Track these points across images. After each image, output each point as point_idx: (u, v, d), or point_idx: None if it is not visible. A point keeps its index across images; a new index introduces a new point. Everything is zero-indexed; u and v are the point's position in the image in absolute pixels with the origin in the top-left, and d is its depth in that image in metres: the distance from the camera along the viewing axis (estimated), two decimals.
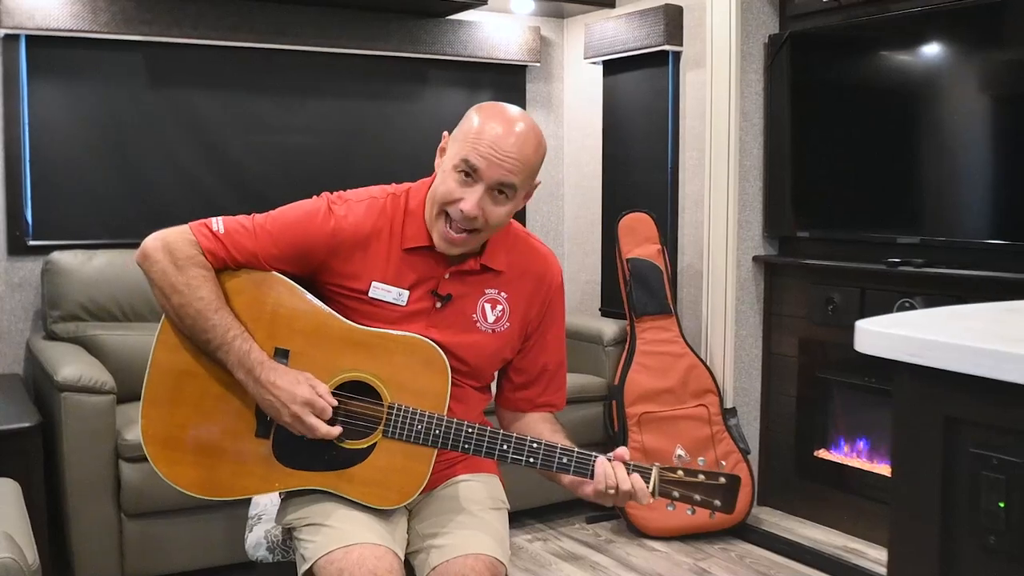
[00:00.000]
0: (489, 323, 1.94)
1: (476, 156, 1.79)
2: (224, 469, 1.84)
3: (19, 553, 1.77)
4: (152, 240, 1.84)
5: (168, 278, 1.81)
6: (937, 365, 1.27)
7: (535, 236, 2.06)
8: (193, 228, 1.84)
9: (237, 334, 1.79)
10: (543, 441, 1.83)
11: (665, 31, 3.91)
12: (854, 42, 3.44)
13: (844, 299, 3.46)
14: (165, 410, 1.84)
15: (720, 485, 1.88)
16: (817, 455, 3.70)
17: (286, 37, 3.85)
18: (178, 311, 1.81)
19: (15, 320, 3.51)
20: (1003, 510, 1.23)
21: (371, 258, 1.88)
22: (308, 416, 1.76)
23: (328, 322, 1.85)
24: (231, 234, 1.84)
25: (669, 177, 4.02)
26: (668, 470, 1.86)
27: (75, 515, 2.85)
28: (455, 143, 1.85)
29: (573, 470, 1.82)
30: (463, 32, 4.23)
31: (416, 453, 1.82)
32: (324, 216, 1.87)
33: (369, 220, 1.88)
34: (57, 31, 3.43)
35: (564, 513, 3.79)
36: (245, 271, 1.85)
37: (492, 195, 1.82)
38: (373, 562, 1.72)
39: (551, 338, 2.03)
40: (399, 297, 1.88)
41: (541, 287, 2.00)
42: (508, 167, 1.80)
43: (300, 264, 1.87)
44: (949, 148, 3.16)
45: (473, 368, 1.94)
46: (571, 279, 4.62)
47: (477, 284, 1.93)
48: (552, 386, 2.05)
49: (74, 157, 3.57)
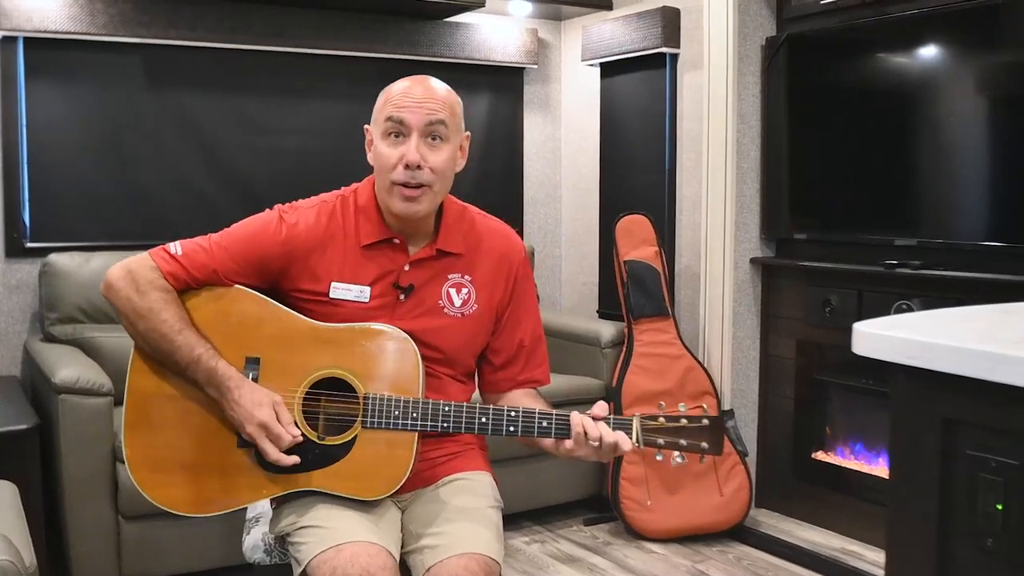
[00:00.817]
0: (456, 307, 1.97)
1: (396, 110, 1.87)
2: (212, 484, 1.86)
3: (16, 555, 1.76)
4: (114, 270, 1.90)
5: (132, 304, 1.86)
6: (935, 367, 1.27)
7: (493, 217, 2.09)
8: (152, 254, 1.90)
9: (202, 352, 1.83)
10: (520, 409, 1.85)
11: (662, 33, 3.91)
12: (851, 44, 3.45)
13: (841, 301, 3.46)
14: (147, 435, 1.87)
15: (705, 427, 1.86)
16: (815, 457, 3.70)
17: (284, 39, 3.86)
18: (144, 336, 1.86)
19: (12, 322, 3.51)
20: (1001, 512, 1.23)
21: (328, 260, 1.92)
22: (262, 439, 1.79)
23: (294, 324, 1.88)
24: (189, 255, 1.89)
25: (666, 179, 4.03)
26: (649, 418, 1.85)
27: (72, 517, 2.85)
28: (375, 124, 1.93)
29: (554, 432, 1.83)
30: (460, 34, 4.23)
31: (397, 440, 1.83)
32: (276, 226, 1.92)
33: (321, 223, 1.93)
34: (55, 33, 3.43)
35: (562, 515, 3.79)
36: (208, 289, 1.90)
37: (427, 142, 1.87)
38: (366, 559, 1.72)
39: (524, 314, 2.05)
40: (361, 294, 1.92)
41: (504, 264, 2.02)
42: (429, 107, 1.87)
43: (260, 276, 1.91)
44: (946, 150, 3.17)
45: (447, 355, 1.96)
46: (568, 281, 4.62)
47: (438, 270, 1.96)
48: (532, 362, 2.06)
49: (72, 159, 3.57)
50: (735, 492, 3.58)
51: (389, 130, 1.87)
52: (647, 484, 3.55)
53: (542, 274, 4.55)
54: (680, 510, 3.55)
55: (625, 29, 4.07)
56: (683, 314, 3.96)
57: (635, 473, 3.56)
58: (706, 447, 1.86)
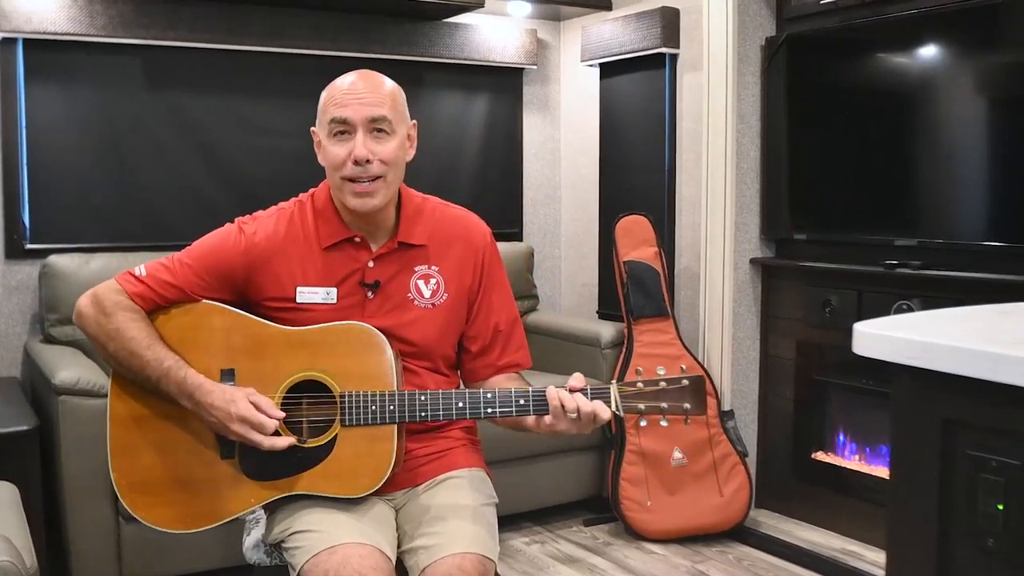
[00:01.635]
0: (426, 299, 1.98)
1: (338, 109, 1.89)
2: (201, 499, 1.87)
3: (17, 556, 1.76)
4: (83, 298, 1.95)
5: (101, 328, 1.89)
6: (935, 367, 1.27)
7: (455, 205, 2.09)
8: (118, 278, 1.93)
9: (171, 364, 1.84)
10: (497, 390, 1.85)
11: (662, 33, 3.91)
12: (851, 44, 3.45)
13: (841, 301, 3.46)
14: (132, 457, 1.88)
15: (685, 388, 1.85)
16: (815, 457, 3.70)
17: (283, 40, 3.86)
18: (116, 357, 1.88)
19: (12, 323, 3.51)
20: (1001, 512, 1.23)
21: (291, 266, 1.94)
22: (249, 433, 1.80)
23: (264, 331, 1.90)
24: (153, 275, 1.92)
25: (666, 179, 4.03)
26: (627, 384, 1.84)
27: (73, 518, 2.85)
28: (320, 125, 1.96)
29: (532, 409, 1.83)
30: (460, 35, 4.23)
31: (377, 434, 1.84)
32: (236, 238, 1.94)
33: (280, 230, 1.95)
34: (54, 34, 3.43)
35: (561, 516, 3.79)
36: (176, 306, 1.92)
37: (373, 136, 1.89)
38: (358, 561, 1.73)
39: (496, 298, 2.05)
40: (328, 296, 1.93)
41: (470, 250, 2.03)
42: (369, 101, 1.89)
43: (225, 288, 1.94)
44: (946, 150, 3.17)
45: (421, 347, 1.97)
46: (568, 281, 4.62)
47: (403, 264, 1.97)
48: (511, 345, 2.06)
49: (71, 160, 3.56)
50: (735, 492, 3.58)
51: (334, 130, 1.90)
52: (647, 485, 3.55)
53: (542, 275, 4.55)
54: (680, 511, 3.55)
55: (624, 29, 4.07)
56: (683, 314, 3.96)
57: (635, 474, 3.56)
58: (688, 407, 1.85)
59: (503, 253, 2.16)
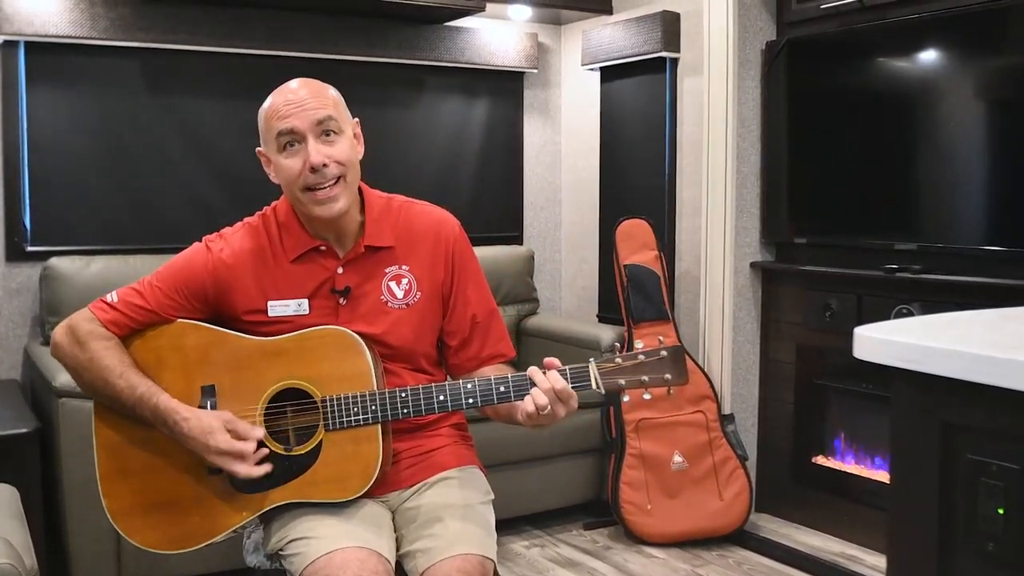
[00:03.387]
0: (400, 299, 1.97)
1: (282, 122, 1.87)
2: (193, 518, 1.88)
3: (17, 558, 1.77)
4: (58, 329, 1.94)
5: (75, 358, 1.89)
6: (935, 372, 1.27)
7: (420, 201, 2.07)
8: (91, 307, 1.93)
9: (143, 391, 1.84)
10: (476, 380, 1.85)
11: (662, 37, 3.91)
12: (852, 49, 3.45)
13: (841, 305, 3.46)
14: (121, 483, 1.89)
15: (664, 359, 1.84)
16: (815, 461, 3.70)
17: (284, 44, 3.86)
18: (92, 386, 1.89)
19: (13, 326, 3.51)
20: (1002, 516, 1.23)
21: (261, 280, 1.94)
22: (228, 464, 1.80)
23: (240, 345, 1.90)
24: (124, 300, 1.91)
25: (666, 183, 4.03)
26: (606, 361, 1.83)
27: (72, 520, 2.85)
28: (267, 144, 1.94)
29: (513, 395, 1.82)
30: (461, 39, 4.24)
31: (362, 435, 1.84)
32: (204, 256, 1.95)
33: (247, 245, 1.95)
34: (56, 37, 3.44)
35: (561, 519, 3.79)
36: (151, 328, 1.92)
37: (322, 140, 1.88)
38: (357, 565, 1.73)
39: (471, 291, 2.04)
40: (300, 307, 1.93)
41: (439, 245, 2.01)
42: (312, 106, 1.87)
43: (197, 307, 1.94)
44: (946, 154, 3.17)
45: (399, 349, 1.96)
46: (568, 285, 4.62)
47: (373, 267, 1.97)
48: (491, 336, 2.05)
49: (72, 163, 3.57)
50: (735, 496, 3.58)
51: (283, 142, 1.88)
52: (647, 488, 3.55)
53: (542, 278, 4.54)
54: (680, 514, 3.55)
55: (625, 33, 4.07)
56: (683, 318, 3.96)
57: (635, 477, 3.56)
58: (670, 378, 1.84)
59: (503, 256, 2.16)
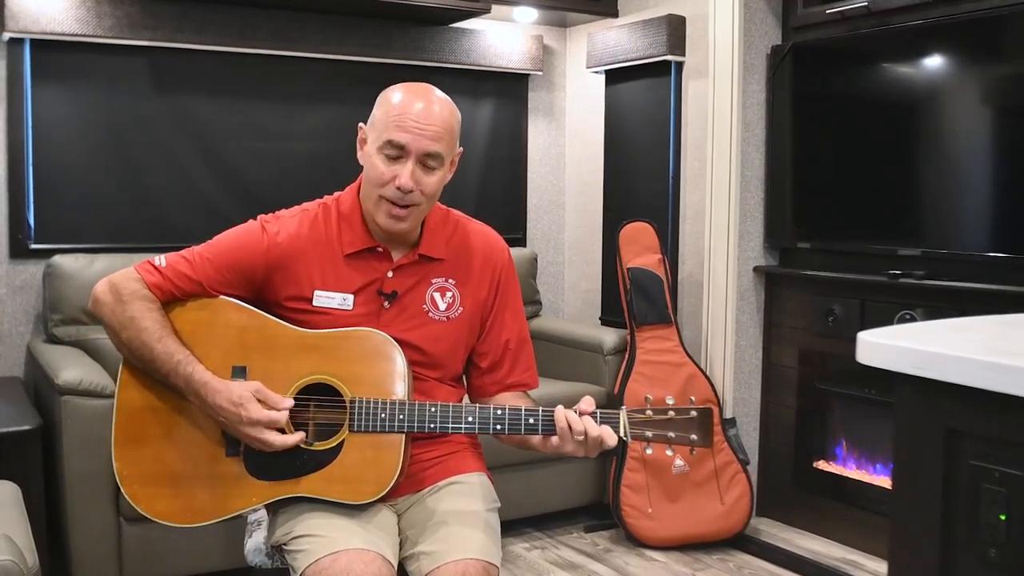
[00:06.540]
0: (442, 311, 1.98)
1: (400, 133, 1.85)
2: (203, 494, 1.87)
3: (19, 555, 1.77)
4: (100, 284, 1.92)
5: (115, 315, 1.88)
6: (938, 377, 1.27)
7: (475, 220, 2.09)
8: (137, 267, 1.92)
9: (181, 359, 1.84)
10: (507, 408, 1.85)
11: (668, 41, 3.92)
12: (856, 54, 3.45)
13: (844, 311, 3.46)
14: (136, 449, 1.88)
15: (692, 419, 1.85)
16: (816, 466, 3.70)
17: (290, 44, 3.86)
18: (128, 345, 1.87)
19: (16, 323, 3.51)
20: (1004, 523, 1.23)
21: (311, 268, 1.93)
22: (262, 433, 1.80)
23: (278, 331, 1.89)
24: (172, 267, 1.91)
25: (670, 187, 4.03)
26: (636, 411, 1.85)
27: (75, 518, 2.85)
28: (374, 129, 1.91)
29: (541, 429, 1.83)
30: (466, 40, 4.24)
31: (385, 442, 1.84)
32: (258, 236, 1.93)
33: (303, 232, 1.94)
34: (61, 35, 3.44)
35: (562, 522, 3.79)
36: (193, 300, 1.91)
37: (422, 167, 1.87)
38: (360, 567, 1.73)
39: (509, 316, 2.05)
40: (344, 302, 1.93)
41: (488, 267, 2.03)
42: (431, 135, 1.86)
43: (244, 286, 1.93)
44: (950, 160, 3.17)
45: (432, 357, 1.97)
46: (571, 287, 4.62)
47: (422, 275, 1.97)
48: (520, 364, 2.06)
49: (77, 161, 3.57)
50: (736, 501, 3.58)
51: (387, 149, 1.87)
52: (648, 492, 3.55)
53: (545, 281, 4.55)
54: (681, 518, 3.55)
55: (630, 37, 4.07)
56: (686, 322, 3.96)
57: (636, 481, 3.56)
58: (695, 439, 1.85)
59: None
